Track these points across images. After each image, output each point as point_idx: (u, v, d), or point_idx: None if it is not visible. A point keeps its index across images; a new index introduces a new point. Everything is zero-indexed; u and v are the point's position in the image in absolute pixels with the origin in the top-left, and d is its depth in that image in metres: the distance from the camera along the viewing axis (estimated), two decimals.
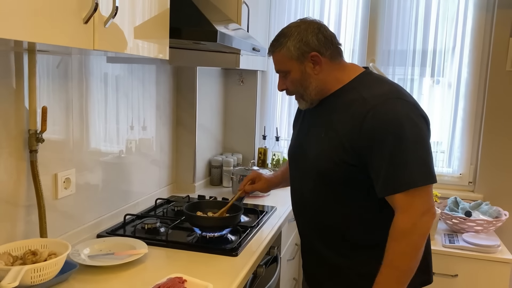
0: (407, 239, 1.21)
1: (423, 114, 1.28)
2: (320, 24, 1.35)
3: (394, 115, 1.22)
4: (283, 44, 1.33)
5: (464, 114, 2.49)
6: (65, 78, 1.47)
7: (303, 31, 1.31)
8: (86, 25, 0.99)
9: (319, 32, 1.32)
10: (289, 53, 1.32)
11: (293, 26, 1.34)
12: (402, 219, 1.21)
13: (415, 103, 1.30)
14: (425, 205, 1.21)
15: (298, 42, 1.31)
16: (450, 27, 2.45)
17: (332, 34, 1.36)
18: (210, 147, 2.55)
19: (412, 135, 1.21)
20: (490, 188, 2.46)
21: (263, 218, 1.89)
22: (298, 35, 1.31)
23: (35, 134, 1.32)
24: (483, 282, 2.12)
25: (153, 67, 2.02)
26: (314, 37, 1.31)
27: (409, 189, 1.20)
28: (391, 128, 1.21)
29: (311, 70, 1.33)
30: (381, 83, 1.34)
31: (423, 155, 1.22)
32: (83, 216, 1.60)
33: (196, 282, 1.22)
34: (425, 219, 1.21)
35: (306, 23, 1.34)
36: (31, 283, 1.14)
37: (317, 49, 1.31)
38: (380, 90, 1.29)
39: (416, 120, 1.24)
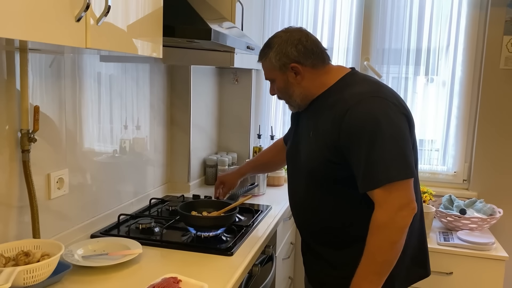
0: (384, 233, 1.24)
1: (403, 111, 1.31)
2: (301, 33, 1.39)
3: (370, 112, 1.26)
4: (267, 55, 1.40)
5: (458, 112, 2.50)
6: (58, 77, 1.45)
7: (283, 42, 1.37)
8: (78, 23, 0.98)
9: (299, 43, 1.36)
10: (272, 64, 1.39)
11: (276, 37, 1.40)
12: (379, 214, 1.25)
13: (395, 101, 1.32)
14: (402, 199, 1.24)
15: (278, 54, 1.37)
16: (444, 26, 2.46)
17: (313, 42, 1.39)
18: (205, 146, 2.55)
19: (388, 131, 1.24)
20: (485, 185, 2.47)
21: (258, 217, 1.89)
22: (279, 47, 1.37)
23: (27, 134, 1.30)
24: (478, 280, 2.13)
25: (146, 66, 2.00)
26: (293, 48, 1.36)
27: (386, 184, 1.22)
28: (367, 126, 1.24)
29: (293, 79, 1.39)
30: (362, 82, 1.38)
31: (400, 151, 1.24)
32: (76, 217, 1.59)
33: (191, 282, 1.22)
34: (403, 213, 1.23)
35: (288, 33, 1.39)
36: (23, 284, 1.13)
37: (296, 60, 1.36)
38: (359, 89, 1.32)
39: (393, 117, 1.26)
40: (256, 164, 1.94)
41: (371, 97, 1.29)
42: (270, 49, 1.39)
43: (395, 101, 1.32)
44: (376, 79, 1.45)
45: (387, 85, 1.42)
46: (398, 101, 1.34)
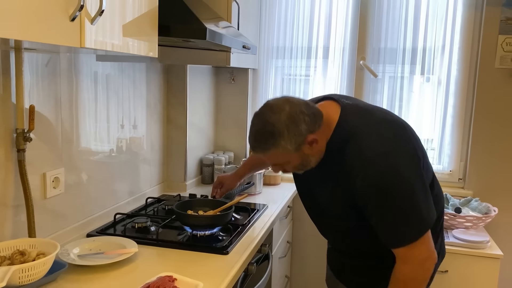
0: (407, 287, 1.26)
1: (407, 146, 1.26)
2: (296, 105, 1.24)
3: (379, 179, 1.21)
4: (276, 145, 1.23)
5: (454, 111, 2.51)
6: (54, 76, 1.45)
7: (290, 124, 1.22)
8: (73, 23, 0.99)
9: (303, 114, 1.23)
10: (286, 150, 1.24)
11: (276, 122, 1.22)
12: (403, 269, 1.25)
13: (397, 140, 1.26)
14: (425, 252, 1.23)
15: (293, 137, 1.22)
16: (439, 25, 2.47)
17: (305, 103, 1.26)
18: (201, 145, 2.55)
19: (401, 192, 1.21)
20: (480, 184, 2.48)
21: (254, 216, 1.89)
22: (290, 132, 1.22)
23: (23, 133, 1.30)
24: (473, 278, 2.14)
25: (143, 65, 2.01)
26: (303, 124, 1.23)
27: (408, 244, 1.22)
28: (379, 193, 1.21)
29: (309, 151, 1.28)
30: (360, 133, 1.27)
31: (416, 207, 1.22)
32: (72, 216, 1.59)
33: (186, 281, 1.22)
34: (426, 266, 1.24)
35: (284, 111, 1.22)
36: (19, 283, 1.13)
37: (310, 131, 1.24)
38: (360, 148, 1.24)
39: (404, 173, 1.21)
40: (252, 164, 1.95)
41: (376, 158, 1.22)
42: (279, 138, 1.22)
43: (398, 141, 1.26)
44: (373, 116, 1.33)
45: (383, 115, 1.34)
46: (400, 137, 1.28)
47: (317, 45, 2.62)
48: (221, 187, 1.96)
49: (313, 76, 2.66)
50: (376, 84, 2.59)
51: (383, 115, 1.35)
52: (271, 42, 2.67)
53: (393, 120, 1.34)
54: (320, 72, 2.64)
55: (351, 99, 1.41)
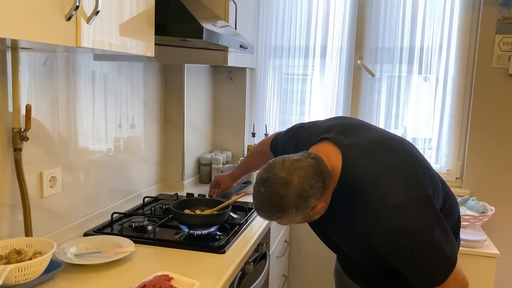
0: None
1: (418, 185, 1.22)
2: (305, 178, 1.16)
3: (395, 234, 1.17)
4: (284, 217, 1.19)
5: (451, 111, 2.51)
6: (51, 76, 1.46)
7: (298, 200, 1.16)
8: (68, 22, 0.99)
9: (310, 187, 1.16)
10: (293, 220, 1.22)
11: (285, 197, 1.15)
12: None
13: (407, 184, 1.21)
14: (457, 284, 1.23)
15: (301, 212, 1.18)
16: (437, 25, 2.47)
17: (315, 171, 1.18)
18: (199, 144, 2.55)
19: (421, 243, 1.18)
20: (477, 183, 2.48)
21: (252, 215, 1.89)
22: (298, 208, 1.17)
23: (19, 133, 1.30)
24: (469, 277, 2.11)
25: (140, 65, 2.01)
26: (312, 199, 1.17)
27: (440, 284, 1.21)
28: (400, 244, 1.18)
29: (315, 212, 1.24)
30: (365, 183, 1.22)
31: (439, 251, 1.19)
32: (69, 215, 1.59)
33: (183, 280, 1.22)
34: None
35: (294, 188, 1.15)
36: (15, 282, 1.14)
37: (317, 198, 1.19)
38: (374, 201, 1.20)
39: (420, 223, 1.18)
40: (248, 165, 1.95)
41: (387, 212, 1.17)
42: (286, 212, 1.18)
43: (408, 184, 1.21)
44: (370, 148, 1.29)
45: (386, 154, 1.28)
46: (412, 181, 1.23)
47: (315, 44, 2.62)
48: (218, 187, 1.97)
49: (311, 75, 2.66)
50: (373, 84, 2.59)
51: (387, 154, 1.28)
52: (268, 41, 2.67)
53: (397, 160, 1.27)
54: (318, 71, 2.65)
55: (351, 135, 1.32)
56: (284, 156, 1.22)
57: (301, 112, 2.72)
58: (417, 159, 1.31)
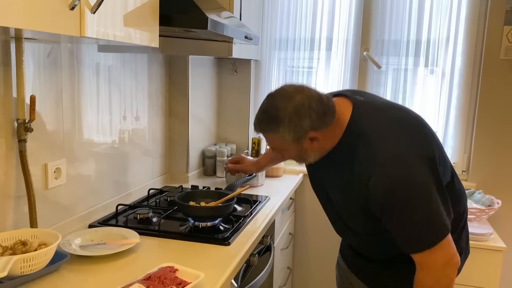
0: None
1: (423, 149, 1.21)
2: (307, 97, 1.21)
3: (394, 182, 1.17)
4: (275, 131, 1.23)
5: (457, 103, 2.49)
6: (55, 67, 1.45)
7: (293, 116, 1.20)
8: (72, 11, 0.98)
9: (310, 110, 1.20)
10: (283, 139, 1.24)
11: (281, 109, 1.21)
12: (424, 276, 1.20)
13: (413, 144, 1.22)
14: (445, 257, 1.19)
15: (292, 129, 1.21)
16: (444, 16, 2.44)
17: (319, 101, 1.22)
18: (204, 137, 2.54)
19: (417, 196, 1.17)
20: (483, 176, 2.46)
21: (257, 208, 1.89)
22: (291, 122, 1.20)
23: (24, 124, 1.30)
24: (476, 270, 2.13)
25: (145, 57, 2.00)
26: (307, 119, 1.20)
27: (427, 249, 1.18)
28: (395, 197, 1.18)
29: (309, 146, 1.26)
30: (372, 132, 1.24)
31: (434, 211, 1.18)
32: (74, 207, 1.59)
33: (187, 271, 1.22)
34: (447, 271, 1.19)
35: (292, 101, 1.20)
36: (21, 273, 1.14)
37: (313, 128, 1.22)
38: (374, 149, 1.21)
39: (417, 175, 1.17)
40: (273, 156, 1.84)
41: (391, 159, 1.18)
42: (279, 124, 1.21)
43: (414, 145, 1.21)
44: (386, 114, 1.30)
45: (399, 115, 1.30)
46: (417, 141, 1.23)
47: (320, 36, 2.60)
48: (237, 163, 1.88)
49: (316, 67, 2.64)
50: (379, 76, 2.57)
51: (397, 112, 1.31)
52: (273, 34, 2.65)
53: (407, 118, 1.29)
54: (323, 64, 2.63)
55: (366, 95, 1.36)
56: None
57: None
58: (428, 127, 1.31)
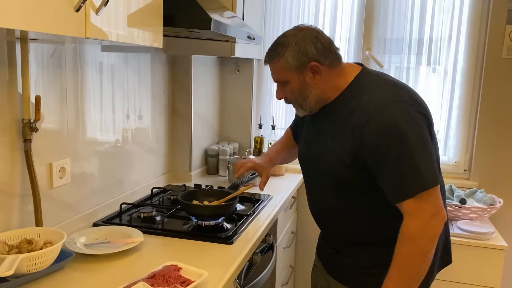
0: (416, 244, 1.20)
1: (422, 111, 1.26)
2: (317, 31, 1.32)
3: (390, 122, 1.20)
4: (281, 55, 1.30)
5: (460, 102, 2.49)
6: (59, 67, 1.46)
7: (301, 40, 1.29)
8: (77, 13, 0.99)
9: (317, 41, 1.29)
10: (288, 64, 1.30)
11: (290, 35, 1.31)
12: (411, 224, 1.21)
13: (412, 100, 1.27)
14: (433, 208, 1.21)
15: (297, 52, 1.28)
16: (446, 15, 2.45)
17: (329, 40, 1.33)
18: (206, 136, 2.55)
19: (413, 139, 1.20)
20: (485, 175, 2.47)
21: (259, 207, 1.90)
22: (296, 45, 1.28)
23: (29, 123, 1.31)
24: (477, 269, 2.14)
25: (148, 56, 2.01)
26: (312, 46, 1.28)
27: (419, 193, 1.19)
28: (390, 138, 1.20)
29: (310, 80, 1.31)
30: (377, 84, 1.32)
31: (428, 157, 1.21)
32: (79, 205, 1.60)
33: (191, 270, 1.23)
34: (434, 222, 1.20)
35: (303, 31, 1.31)
36: (27, 272, 1.15)
37: (316, 59, 1.29)
38: (376, 95, 1.27)
39: (415, 122, 1.22)
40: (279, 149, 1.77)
41: (389, 104, 1.23)
42: (285, 48, 1.29)
43: (413, 101, 1.27)
44: (389, 77, 1.38)
45: (400, 82, 1.36)
46: (416, 100, 1.28)
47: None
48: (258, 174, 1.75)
49: None
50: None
51: (404, 84, 1.36)
52: (276, 33, 2.65)
53: (415, 93, 1.33)
54: None
55: None
56: None
57: None
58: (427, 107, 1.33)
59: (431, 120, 1.31)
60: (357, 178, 1.30)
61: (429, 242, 1.21)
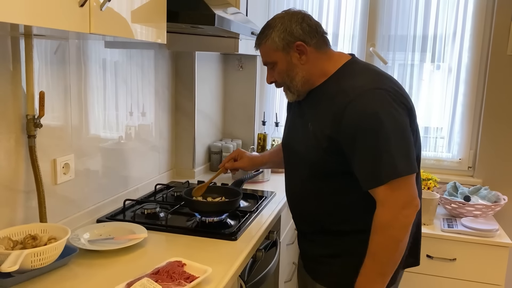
0: (387, 232, 1.21)
1: (404, 102, 1.26)
2: (304, 13, 1.35)
3: (370, 107, 1.21)
4: (268, 36, 1.33)
5: (464, 99, 2.48)
6: (63, 63, 1.46)
7: (287, 21, 1.32)
8: (82, 8, 0.98)
9: (303, 21, 1.32)
10: (274, 44, 1.32)
11: (277, 18, 1.35)
12: (383, 213, 1.21)
13: (396, 92, 1.26)
14: (406, 197, 1.21)
15: (283, 32, 1.31)
16: (451, 11, 2.43)
17: (316, 23, 1.36)
18: (210, 132, 2.55)
19: (390, 126, 1.19)
20: (490, 173, 2.46)
21: (263, 203, 1.90)
22: (282, 25, 1.31)
23: (33, 119, 1.31)
24: (481, 266, 2.13)
25: (151, 52, 2.00)
26: (298, 26, 1.31)
27: (390, 180, 1.18)
28: (368, 122, 1.20)
29: (297, 60, 1.33)
30: (363, 72, 1.33)
31: (403, 145, 1.21)
32: (83, 201, 1.61)
33: (195, 266, 1.23)
34: (406, 211, 1.20)
35: (289, 14, 1.34)
36: (31, 267, 1.15)
37: (302, 38, 1.31)
38: (360, 81, 1.27)
39: (394, 110, 1.21)
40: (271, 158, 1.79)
41: (371, 90, 1.23)
42: (272, 29, 1.33)
43: (396, 92, 1.26)
44: (377, 68, 1.40)
45: (387, 74, 1.37)
46: (399, 91, 1.28)
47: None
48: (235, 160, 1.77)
49: None
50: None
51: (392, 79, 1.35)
52: None
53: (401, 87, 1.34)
54: None
55: None
56: None
57: None
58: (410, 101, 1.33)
59: (414, 114, 1.31)
60: (333, 162, 1.29)
61: (400, 231, 1.21)
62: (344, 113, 1.22)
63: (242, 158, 1.75)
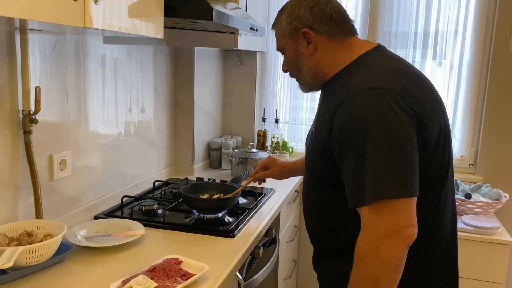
0: (364, 265, 0.99)
1: (414, 105, 1.01)
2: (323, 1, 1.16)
3: (361, 110, 1.00)
4: (279, 20, 1.20)
5: (466, 96, 2.46)
6: (60, 59, 1.45)
7: (297, 3, 1.16)
8: (76, 2, 0.97)
9: (315, 5, 1.14)
10: (282, 29, 1.19)
11: (290, 1, 1.20)
12: (361, 240, 1.00)
13: (405, 92, 1.02)
14: (389, 225, 0.96)
15: (290, 16, 1.16)
16: (452, 7, 2.41)
17: (335, 7, 1.16)
18: (209, 129, 2.54)
19: (382, 136, 0.97)
20: (491, 170, 2.44)
21: (262, 200, 1.89)
22: (291, 8, 1.16)
23: (29, 115, 1.30)
24: (482, 264, 2.12)
25: (150, 48, 1.99)
26: (307, 10, 1.14)
27: (372, 202, 0.97)
28: (356, 128, 1.00)
29: (304, 49, 1.17)
30: (373, 66, 1.11)
31: (395, 161, 0.97)
32: (80, 198, 1.60)
33: (192, 263, 1.22)
34: (389, 243, 0.95)
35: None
36: (26, 264, 1.14)
37: (309, 25, 1.14)
38: (363, 77, 1.07)
39: (391, 116, 0.98)
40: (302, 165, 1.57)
41: (369, 89, 1.01)
42: (282, 12, 1.19)
43: (406, 94, 1.01)
44: (398, 63, 1.14)
45: (412, 70, 1.13)
46: (412, 93, 1.03)
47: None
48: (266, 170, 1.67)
49: None
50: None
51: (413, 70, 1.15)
52: None
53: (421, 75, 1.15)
54: None
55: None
56: None
57: (312, 98, 2.69)
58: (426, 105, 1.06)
59: (428, 121, 1.04)
60: (327, 170, 1.12)
61: (380, 266, 0.97)
62: (335, 115, 1.04)
63: (274, 166, 1.64)
